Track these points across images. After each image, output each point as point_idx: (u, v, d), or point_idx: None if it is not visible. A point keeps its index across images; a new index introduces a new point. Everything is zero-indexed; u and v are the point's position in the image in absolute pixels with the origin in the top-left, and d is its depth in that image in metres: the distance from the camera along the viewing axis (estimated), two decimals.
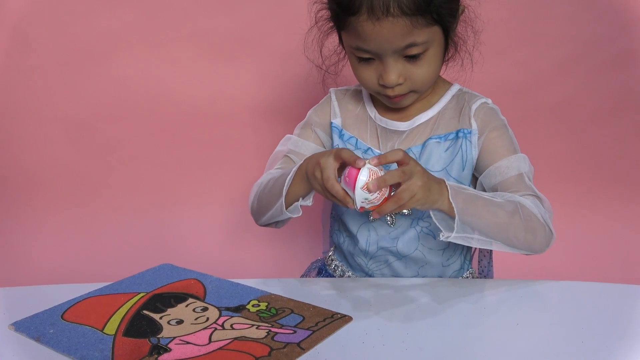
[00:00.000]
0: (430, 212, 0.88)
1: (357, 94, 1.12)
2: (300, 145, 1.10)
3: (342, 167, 0.87)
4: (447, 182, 0.88)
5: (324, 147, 1.10)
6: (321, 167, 0.87)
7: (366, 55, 0.95)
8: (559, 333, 0.79)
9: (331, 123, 1.10)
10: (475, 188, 1.04)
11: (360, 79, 0.99)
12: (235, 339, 0.78)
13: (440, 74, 1.03)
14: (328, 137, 1.10)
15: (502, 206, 0.90)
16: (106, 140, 1.64)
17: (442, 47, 0.97)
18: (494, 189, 0.99)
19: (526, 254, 0.96)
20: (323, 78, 1.10)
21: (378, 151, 1.05)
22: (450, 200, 0.86)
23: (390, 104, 1.01)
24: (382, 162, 0.84)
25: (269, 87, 1.61)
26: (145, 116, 1.63)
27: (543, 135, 1.59)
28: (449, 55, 1.02)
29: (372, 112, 1.08)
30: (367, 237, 1.05)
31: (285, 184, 0.94)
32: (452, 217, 0.87)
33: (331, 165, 0.86)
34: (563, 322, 0.82)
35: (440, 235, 0.87)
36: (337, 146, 1.08)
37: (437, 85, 1.07)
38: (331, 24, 1.02)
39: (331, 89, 1.13)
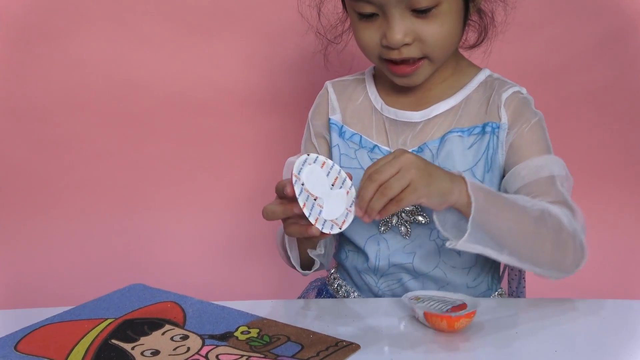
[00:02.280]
0: (434, 214, 0.86)
1: (358, 83, 1.13)
2: None
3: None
4: (463, 174, 0.86)
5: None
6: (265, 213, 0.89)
7: (368, 9, 0.95)
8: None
9: (329, 120, 1.10)
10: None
11: (360, 42, 1.00)
12: None
13: (464, 54, 1.03)
14: (329, 136, 1.11)
15: (527, 212, 0.89)
16: (63, 134, 1.64)
17: (459, 5, 0.97)
18: (519, 192, 0.98)
19: (552, 277, 0.94)
20: (325, 49, 1.11)
21: (387, 148, 1.05)
22: (470, 192, 0.84)
23: (398, 79, 1.01)
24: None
25: (258, 71, 1.62)
26: (110, 106, 1.63)
27: (578, 127, 1.60)
28: (477, 38, 1.02)
29: (378, 102, 1.08)
30: (377, 252, 1.05)
31: (292, 259, 0.98)
32: (464, 218, 0.85)
33: (273, 205, 0.88)
34: (608, 348, 0.82)
35: (447, 244, 0.86)
36: (336, 147, 1.08)
37: (461, 67, 1.06)
38: None
39: (327, 82, 1.14)
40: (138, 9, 1.57)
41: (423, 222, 1.02)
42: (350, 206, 0.85)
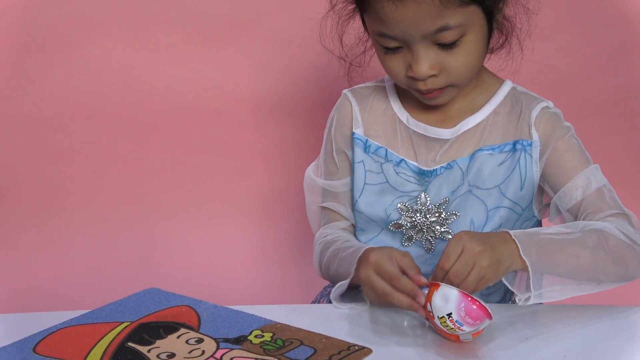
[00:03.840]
0: (503, 280, 0.88)
1: (379, 92, 1.11)
2: (332, 188, 1.11)
3: None
4: (512, 235, 0.88)
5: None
6: (381, 263, 0.88)
7: (392, 44, 0.95)
8: None
9: (353, 134, 1.09)
10: (543, 210, 1.06)
11: (387, 71, 1.00)
12: None
13: (484, 63, 1.03)
14: (351, 152, 1.10)
15: (582, 243, 0.90)
16: (76, 142, 1.65)
17: (483, 32, 0.96)
18: (572, 211, 1.00)
19: (621, 285, 0.96)
20: (348, 72, 1.10)
21: (414, 163, 1.05)
22: (522, 256, 0.86)
23: (424, 100, 1.01)
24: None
25: (272, 79, 1.62)
26: (122, 114, 1.64)
27: (593, 135, 1.58)
28: (496, 42, 1.01)
29: (403, 114, 1.07)
30: None
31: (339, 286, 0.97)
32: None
33: (392, 262, 0.88)
34: (618, 355, 0.84)
35: (517, 300, 0.88)
36: (360, 163, 1.07)
37: (484, 80, 1.06)
38: (352, 6, 1.02)
39: (345, 91, 1.12)
40: (150, 17, 1.58)
41: (450, 238, 1.02)
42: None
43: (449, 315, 0.83)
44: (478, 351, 0.85)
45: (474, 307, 0.82)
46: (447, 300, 0.83)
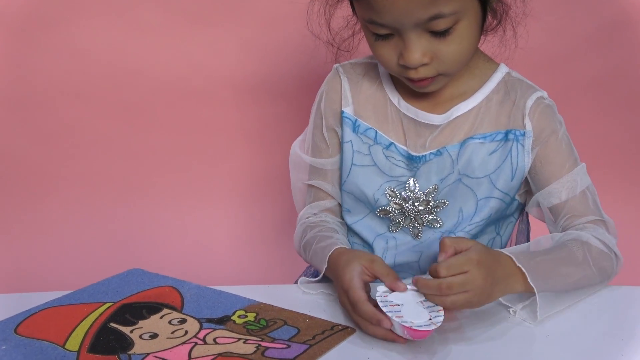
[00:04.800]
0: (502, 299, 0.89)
1: (370, 69, 1.09)
2: (320, 165, 1.10)
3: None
4: (512, 257, 0.87)
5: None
6: (346, 289, 0.87)
7: (383, 31, 0.93)
8: (598, 345, 0.82)
9: (342, 113, 1.07)
10: (524, 201, 1.06)
11: (378, 58, 0.98)
12: (220, 355, 0.80)
13: (479, 46, 1.01)
14: (340, 130, 1.08)
15: (571, 260, 0.91)
16: (61, 123, 1.65)
17: (478, 18, 0.94)
18: (554, 210, 1.00)
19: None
20: (336, 57, 1.08)
21: (404, 147, 1.03)
22: (532, 284, 0.85)
23: (415, 88, 0.99)
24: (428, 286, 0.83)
25: (257, 59, 1.62)
26: (107, 94, 1.64)
27: (579, 115, 1.59)
28: (488, 25, 0.99)
29: (394, 96, 1.05)
30: (384, 249, 1.06)
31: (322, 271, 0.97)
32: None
33: (357, 286, 0.87)
34: (605, 333, 0.86)
35: (513, 314, 0.89)
36: (349, 143, 1.06)
37: (478, 64, 1.04)
38: None
39: (336, 66, 1.10)
40: None
41: (438, 226, 1.03)
42: (435, 319, 0.82)
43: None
44: (459, 329, 0.85)
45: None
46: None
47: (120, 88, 1.63)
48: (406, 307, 0.82)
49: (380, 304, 0.82)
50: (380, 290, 0.85)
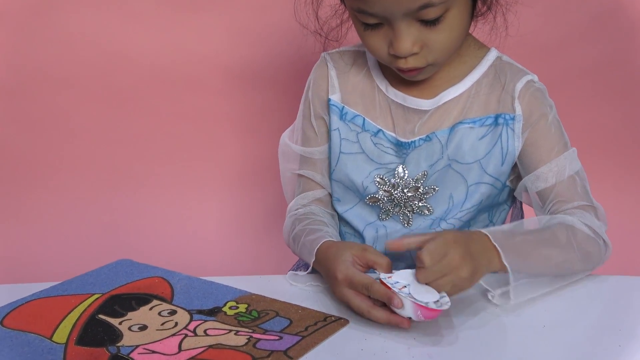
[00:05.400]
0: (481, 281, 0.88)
1: (358, 57, 1.09)
2: (309, 154, 1.10)
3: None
4: (492, 239, 0.86)
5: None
6: (349, 278, 0.87)
7: (372, 20, 0.92)
8: (594, 336, 0.82)
9: (329, 100, 1.07)
10: (516, 187, 1.05)
11: (367, 48, 0.98)
12: (210, 346, 0.80)
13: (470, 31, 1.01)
14: (328, 118, 1.08)
15: (554, 242, 0.91)
16: (48, 110, 1.64)
17: (467, 6, 0.94)
18: (542, 194, 1.00)
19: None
20: (324, 47, 1.08)
21: (392, 134, 1.03)
22: (504, 262, 0.85)
23: (404, 76, 0.99)
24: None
25: (246, 45, 1.61)
26: (96, 81, 1.63)
27: (575, 102, 1.60)
28: (479, 11, 0.99)
29: (382, 82, 1.05)
30: (375, 238, 1.06)
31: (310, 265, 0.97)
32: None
33: (357, 270, 0.87)
34: (602, 322, 0.85)
35: (491, 297, 0.88)
36: (336, 130, 1.06)
37: (468, 48, 1.03)
38: None
39: (324, 54, 1.10)
40: None
41: (428, 213, 1.03)
42: (444, 299, 0.83)
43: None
44: (454, 319, 0.85)
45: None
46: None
47: (109, 75, 1.62)
48: (413, 287, 0.83)
49: (389, 285, 0.82)
50: (382, 273, 0.85)
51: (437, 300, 0.81)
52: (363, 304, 0.85)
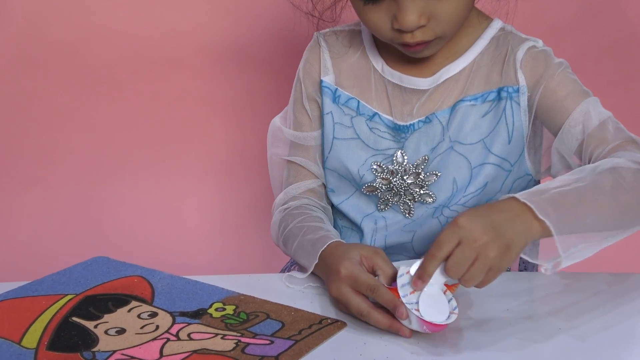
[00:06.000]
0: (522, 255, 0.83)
1: (353, 36, 1.10)
2: (301, 140, 1.10)
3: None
4: (520, 197, 0.81)
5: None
6: (354, 276, 0.86)
7: None
8: (613, 338, 0.82)
9: (321, 82, 1.08)
10: (542, 159, 1.04)
11: (368, 25, 0.97)
12: (195, 352, 0.80)
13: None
14: (320, 101, 1.08)
15: (598, 187, 0.85)
16: (17, 93, 1.64)
17: None
18: (578, 153, 0.96)
19: None
20: (317, 27, 1.08)
21: (389, 117, 1.04)
22: (540, 217, 0.79)
23: (409, 53, 0.99)
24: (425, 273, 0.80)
25: (229, 21, 1.61)
26: (68, 61, 1.62)
27: (594, 83, 1.60)
28: None
29: (378, 62, 1.06)
30: (374, 231, 1.06)
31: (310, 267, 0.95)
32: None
33: (363, 270, 0.86)
34: (614, 322, 0.86)
35: (544, 270, 0.81)
36: (329, 114, 1.06)
37: (470, 21, 1.03)
38: None
39: (317, 34, 1.11)
40: None
41: (430, 201, 1.03)
42: (454, 309, 0.82)
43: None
44: (461, 322, 0.85)
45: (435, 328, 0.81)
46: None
47: (82, 55, 1.62)
48: (424, 297, 0.81)
49: (400, 292, 0.82)
50: (402, 272, 0.83)
51: (449, 311, 0.81)
52: (363, 304, 0.84)
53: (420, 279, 0.81)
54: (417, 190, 1.03)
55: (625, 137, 0.94)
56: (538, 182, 1.07)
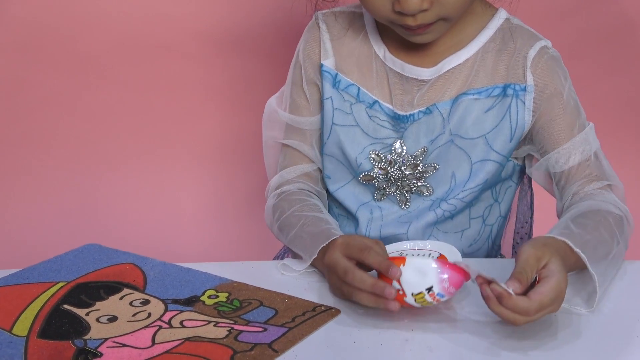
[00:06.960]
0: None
1: (355, 18, 1.08)
2: (298, 124, 1.09)
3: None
4: (590, 268, 0.83)
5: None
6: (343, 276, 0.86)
7: None
8: (612, 323, 0.83)
9: (321, 66, 1.07)
10: (523, 163, 1.05)
11: (368, 7, 0.96)
12: (187, 339, 0.80)
13: None
14: (320, 85, 1.08)
15: (611, 238, 0.90)
16: (5, 79, 1.63)
17: None
18: (565, 175, 0.99)
19: None
20: (315, 8, 1.07)
21: (389, 105, 1.03)
22: (591, 270, 0.83)
23: (411, 38, 0.98)
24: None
25: (229, 7, 1.60)
26: (57, 47, 1.62)
27: (590, 70, 1.61)
28: None
29: (380, 48, 1.05)
30: (369, 220, 1.06)
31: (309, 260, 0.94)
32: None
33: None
34: (611, 308, 0.86)
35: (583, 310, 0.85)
36: (329, 99, 1.06)
37: (474, 10, 1.02)
38: None
39: (317, 14, 1.09)
40: None
41: (428, 194, 1.03)
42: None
43: (429, 289, 0.80)
44: (456, 307, 0.86)
45: (458, 274, 0.81)
46: (424, 274, 0.80)
47: (77, 42, 1.61)
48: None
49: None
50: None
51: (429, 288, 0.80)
52: (349, 264, 0.84)
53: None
54: (415, 181, 1.03)
55: (611, 177, 0.99)
56: (523, 169, 1.08)
